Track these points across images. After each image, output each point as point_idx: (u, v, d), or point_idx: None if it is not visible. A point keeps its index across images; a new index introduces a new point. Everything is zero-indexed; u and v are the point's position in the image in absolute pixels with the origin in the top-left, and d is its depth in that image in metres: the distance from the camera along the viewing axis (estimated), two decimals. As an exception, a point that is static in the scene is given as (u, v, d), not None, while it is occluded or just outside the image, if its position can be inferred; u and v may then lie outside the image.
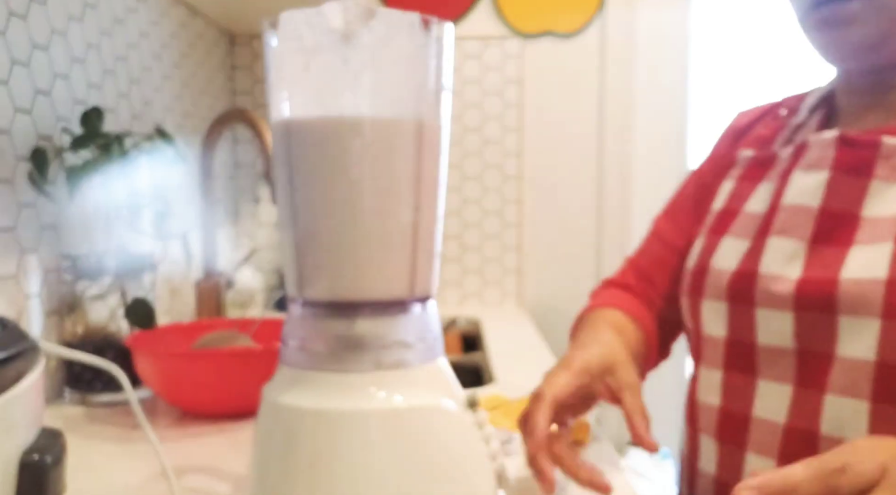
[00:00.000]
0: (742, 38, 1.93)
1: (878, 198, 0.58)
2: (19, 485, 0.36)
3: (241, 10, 1.47)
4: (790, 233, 0.61)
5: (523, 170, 1.78)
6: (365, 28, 0.42)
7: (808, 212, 0.61)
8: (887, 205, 0.57)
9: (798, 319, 0.59)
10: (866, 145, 0.59)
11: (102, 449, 0.70)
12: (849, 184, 0.59)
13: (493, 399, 0.83)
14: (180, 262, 1.27)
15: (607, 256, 1.77)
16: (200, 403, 0.80)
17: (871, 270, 0.55)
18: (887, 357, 0.53)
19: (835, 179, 0.60)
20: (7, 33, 0.79)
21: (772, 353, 0.61)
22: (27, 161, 0.82)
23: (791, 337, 0.59)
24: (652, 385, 0.88)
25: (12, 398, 0.36)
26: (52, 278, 0.87)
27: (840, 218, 0.59)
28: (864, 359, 0.54)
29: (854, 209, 0.59)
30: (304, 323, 0.45)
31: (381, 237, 0.44)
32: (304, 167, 0.44)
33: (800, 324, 0.59)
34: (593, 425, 0.72)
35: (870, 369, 0.54)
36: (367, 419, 0.42)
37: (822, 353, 0.57)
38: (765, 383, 0.62)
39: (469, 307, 1.77)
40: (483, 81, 1.77)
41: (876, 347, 0.54)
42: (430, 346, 0.46)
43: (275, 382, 0.46)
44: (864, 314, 0.55)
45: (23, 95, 0.82)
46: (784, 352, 0.60)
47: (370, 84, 0.43)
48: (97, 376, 0.85)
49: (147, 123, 1.15)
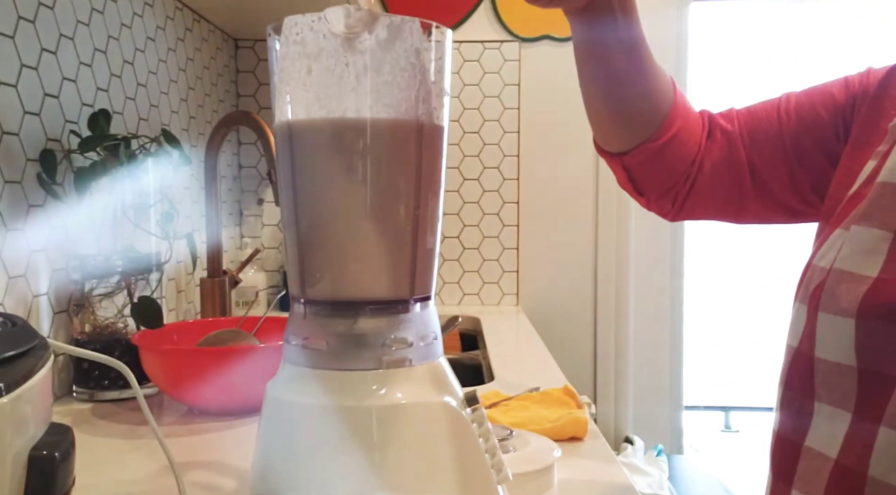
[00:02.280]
0: (738, 42, 1.93)
1: None
2: (28, 480, 0.37)
3: (246, 15, 1.48)
4: (873, 220, 0.49)
5: (521, 172, 1.79)
6: (366, 33, 0.43)
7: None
8: None
9: (860, 329, 0.47)
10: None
11: (110, 445, 0.71)
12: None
13: (492, 396, 0.84)
14: (186, 262, 1.28)
15: (604, 256, 1.78)
16: (205, 400, 0.81)
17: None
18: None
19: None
20: (16, 37, 0.80)
21: (831, 372, 0.50)
22: (36, 162, 0.84)
23: (852, 352, 0.48)
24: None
25: (22, 394, 0.37)
26: (61, 277, 0.88)
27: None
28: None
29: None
30: (307, 321, 0.45)
31: (381, 237, 0.45)
32: (307, 168, 0.45)
33: (862, 335, 0.47)
34: (590, 421, 0.73)
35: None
36: (368, 415, 0.43)
37: (887, 375, 0.46)
38: (821, 406, 0.51)
39: (468, 306, 1.78)
40: (482, 84, 1.78)
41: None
42: (430, 345, 0.46)
43: (278, 379, 0.47)
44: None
45: (32, 98, 0.83)
46: (845, 370, 0.48)
47: (372, 87, 0.43)
48: (105, 373, 0.86)
49: (153, 126, 1.17)
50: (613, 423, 1.79)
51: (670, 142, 0.68)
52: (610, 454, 0.67)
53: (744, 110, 0.70)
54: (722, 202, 0.70)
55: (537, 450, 0.61)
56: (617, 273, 1.77)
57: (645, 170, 0.70)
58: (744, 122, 0.69)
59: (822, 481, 0.49)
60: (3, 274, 0.78)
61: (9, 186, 0.79)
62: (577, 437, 0.71)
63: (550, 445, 0.62)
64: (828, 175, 0.64)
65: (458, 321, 1.34)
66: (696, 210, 0.72)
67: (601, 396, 1.80)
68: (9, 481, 0.36)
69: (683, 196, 0.71)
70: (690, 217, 0.74)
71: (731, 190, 0.69)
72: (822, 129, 0.65)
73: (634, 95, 0.67)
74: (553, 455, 0.60)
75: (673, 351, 1.81)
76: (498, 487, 0.47)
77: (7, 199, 0.78)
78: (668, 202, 0.72)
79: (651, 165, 0.69)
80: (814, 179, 0.66)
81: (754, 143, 0.68)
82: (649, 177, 0.71)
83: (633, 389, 1.80)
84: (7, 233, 0.78)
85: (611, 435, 1.79)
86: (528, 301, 1.80)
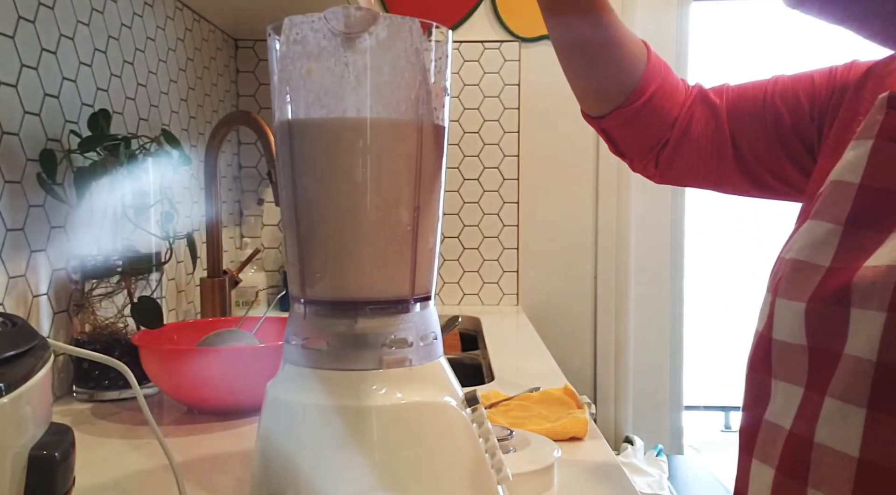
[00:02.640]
0: (738, 42, 1.93)
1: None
2: (29, 480, 0.37)
3: (246, 15, 1.48)
4: (825, 215, 0.53)
5: (521, 172, 1.79)
6: (366, 33, 0.43)
7: (847, 190, 0.52)
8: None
9: (809, 312, 0.52)
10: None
11: (110, 445, 0.71)
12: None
13: (492, 396, 0.84)
14: (186, 262, 1.28)
15: (604, 256, 1.78)
16: (205, 400, 0.81)
17: (893, 257, 0.47)
18: (887, 357, 0.46)
19: (879, 150, 0.51)
20: (16, 37, 0.80)
21: (785, 351, 0.54)
22: (36, 162, 0.84)
23: (803, 333, 0.52)
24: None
25: (22, 394, 0.37)
26: (61, 277, 0.88)
27: (884, 196, 0.51)
28: (866, 358, 0.47)
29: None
30: (307, 321, 0.46)
31: (382, 237, 0.45)
32: (307, 168, 0.45)
33: (811, 317, 0.52)
34: (590, 421, 0.73)
35: (870, 371, 0.47)
36: (368, 415, 0.43)
37: (832, 352, 0.50)
38: (777, 383, 0.55)
39: (468, 306, 1.79)
40: (482, 84, 1.78)
41: (878, 346, 0.47)
42: (430, 345, 0.46)
43: (278, 379, 0.47)
44: (872, 307, 0.47)
45: (32, 98, 0.83)
46: (797, 349, 0.53)
47: (371, 87, 0.43)
48: (105, 373, 0.86)
49: (153, 126, 1.17)
50: (613, 423, 1.79)
51: (644, 107, 0.72)
52: (610, 454, 0.67)
53: (735, 87, 0.74)
54: (704, 171, 0.74)
55: (537, 450, 0.61)
56: (617, 273, 1.77)
57: (622, 133, 0.75)
58: (732, 98, 0.73)
59: (777, 450, 0.53)
60: (3, 274, 0.78)
61: (9, 186, 0.79)
62: (577, 437, 0.71)
63: (550, 445, 0.62)
64: (803, 158, 0.68)
65: (458, 321, 1.34)
66: (679, 175, 0.76)
67: (601, 396, 1.80)
68: (9, 481, 0.36)
69: (667, 159, 0.74)
70: (675, 182, 0.78)
71: (712, 160, 0.73)
72: (800, 114, 0.68)
73: (605, 65, 0.71)
74: (553, 455, 0.60)
75: (673, 351, 1.81)
76: (498, 487, 0.47)
77: (7, 199, 0.78)
78: (650, 164, 0.76)
79: (628, 128, 0.74)
80: (791, 161, 0.69)
81: (738, 120, 0.71)
82: (627, 139, 0.75)
83: (634, 389, 1.80)
84: (7, 234, 0.78)
85: (611, 435, 1.79)
86: (528, 301, 1.80)
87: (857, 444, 0.47)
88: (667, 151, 0.74)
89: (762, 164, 0.70)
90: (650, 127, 0.73)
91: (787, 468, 0.52)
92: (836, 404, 0.49)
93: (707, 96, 0.73)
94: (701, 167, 0.73)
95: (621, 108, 0.72)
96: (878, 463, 0.46)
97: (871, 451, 0.47)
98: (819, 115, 0.66)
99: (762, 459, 0.55)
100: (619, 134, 0.75)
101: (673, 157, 0.74)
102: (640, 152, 0.76)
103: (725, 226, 2.82)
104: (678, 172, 0.75)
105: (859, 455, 0.47)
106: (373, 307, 0.45)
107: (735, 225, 2.82)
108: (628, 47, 0.71)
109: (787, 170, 0.69)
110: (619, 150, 0.77)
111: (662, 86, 0.72)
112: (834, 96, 0.65)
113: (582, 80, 0.74)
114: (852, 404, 0.48)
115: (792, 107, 0.68)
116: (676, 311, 1.81)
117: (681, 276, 1.81)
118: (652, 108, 0.72)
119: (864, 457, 0.47)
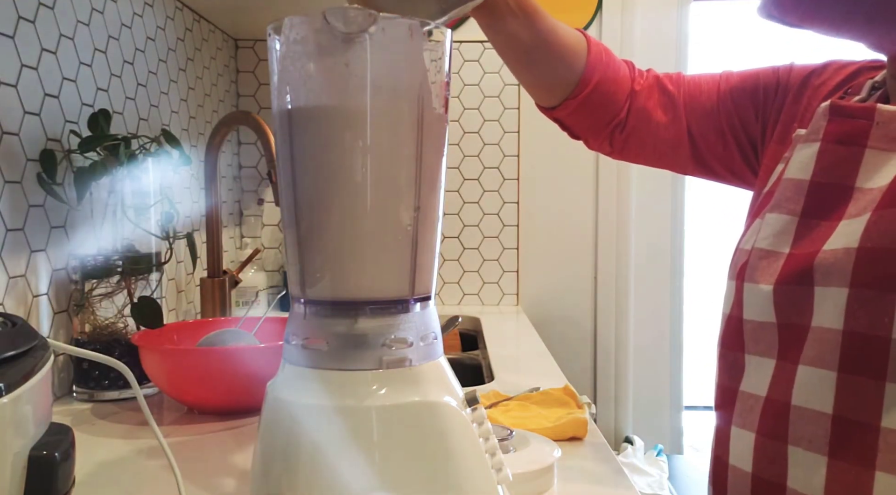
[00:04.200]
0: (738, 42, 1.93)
1: (871, 169, 0.56)
2: (28, 480, 0.37)
3: (246, 15, 1.48)
4: (782, 208, 0.61)
5: (521, 172, 1.79)
6: (366, 33, 0.43)
7: (800, 186, 0.60)
8: (879, 175, 0.55)
9: (776, 293, 0.58)
10: (860, 114, 0.57)
11: (110, 445, 0.71)
12: (840, 156, 0.58)
13: (492, 396, 0.84)
14: (186, 262, 1.28)
15: (604, 256, 1.78)
16: (205, 400, 0.81)
17: (848, 241, 0.54)
18: (853, 326, 0.53)
19: (825, 151, 0.59)
20: (16, 37, 0.80)
21: (756, 329, 0.61)
22: (36, 162, 0.84)
23: (772, 311, 0.59)
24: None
25: (22, 394, 0.37)
26: (61, 277, 0.88)
27: (831, 191, 0.58)
28: (834, 328, 0.54)
29: (847, 181, 0.57)
30: (307, 321, 0.46)
31: (382, 237, 0.45)
32: (307, 168, 0.45)
33: (778, 297, 0.58)
34: (590, 421, 0.73)
35: (838, 339, 0.54)
36: (368, 415, 0.43)
37: (799, 326, 0.57)
38: (751, 358, 0.61)
39: (468, 306, 1.79)
40: (482, 84, 1.78)
41: (843, 316, 0.53)
42: (430, 345, 0.46)
43: (278, 379, 0.47)
44: (833, 284, 0.54)
45: (32, 98, 0.83)
46: (767, 326, 0.60)
47: (371, 87, 0.43)
48: (105, 373, 0.86)
49: (153, 126, 1.17)
50: (613, 423, 1.79)
51: (592, 94, 0.77)
52: (610, 454, 0.67)
53: (690, 79, 0.80)
54: (657, 155, 0.81)
55: (537, 450, 0.61)
56: (617, 273, 1.77)
57: (574, 119, 0.81)
58: (689, 91, 0.79)
59: (755, 415, 0.59)
60: (3, 274, 0.78)
61: (9, 186, 0.79)
62: (577, 437, 0.71)
63: (550, 445, 0.62)
64: (748, 152, 0.75)
65: (458, 321, 1.34)
66: (633, 156, 0.83)
67: (601, 396, 1.80)
68: (9, 481, 0.36)
69: (622, 141, 0.81)
70: (629, 160, 0.85)
71: (669, 148, 0.79)
72: (747, 114, 0.75)
73: (545, 64, 0.76)
74: (553, 455, 0.60)
75: (673, 351, 1.81)
76: (498, 487, 0.47)
77: (7, 199, 0.78)
78: (604, 144, 0.82)
79: (579, 115, 0.79)
80: (740, 154, 0.76)
81: (695, 114, 0.78)
82: (580, 124, 0.81)
83: (634, 389, 1.80)
84: (7, 233, 0.78)
85: (611, 435, 1.79)
86: (528, 301, 1.80)
87: (831, 403, 0.54)
88: (623, 134, 0.80)
89: (714, 156, 0.77)
90: (599, 111, 0.79)
91: (767, 430, 0.58)
92: (810, 370, 0.55)
93: (664, 85, 0.79)
94: (657, 152, 0.80)
95: (569, 99, 0.78)
96: (851, 416, 0.53)
97: (843, 407, 0.53)
98: (763, 116, 0.74)
99: (741, 426, 0.61)
100: (572, 120, 0.81)
101: (629, 140, 0.80)
102: (594, 133, 0.81)
103: (725, 227, 2.82)
104: (632, 153, 0.82)
105: (833, 412, 0.54)
106: (373, 307, 0.45)
107: (735, 225, 2.82)
108: (566, 43, 0.76)
109: (735, 163, 0.77)
110: (574, 134, 0.84)
111: (605, 73, 0.77)
112: (777, 98, 0.73)
113: (528, 78, 0.79)
114: (824, 368, 0.54)
115: (740, 106, 0.75)
116: (676, 311, 1.81)
117: (681, 276, 1.81)
118: (599, 95, 0.77)
119: (838, 413, 0.53)
